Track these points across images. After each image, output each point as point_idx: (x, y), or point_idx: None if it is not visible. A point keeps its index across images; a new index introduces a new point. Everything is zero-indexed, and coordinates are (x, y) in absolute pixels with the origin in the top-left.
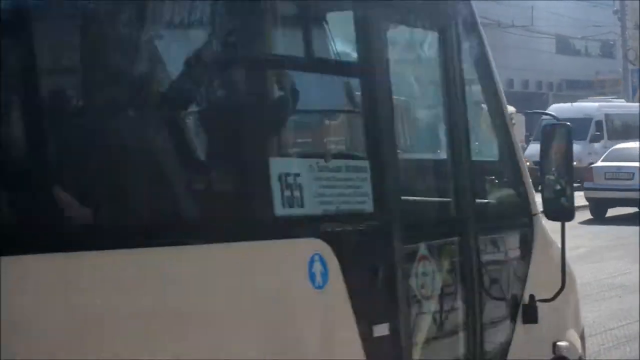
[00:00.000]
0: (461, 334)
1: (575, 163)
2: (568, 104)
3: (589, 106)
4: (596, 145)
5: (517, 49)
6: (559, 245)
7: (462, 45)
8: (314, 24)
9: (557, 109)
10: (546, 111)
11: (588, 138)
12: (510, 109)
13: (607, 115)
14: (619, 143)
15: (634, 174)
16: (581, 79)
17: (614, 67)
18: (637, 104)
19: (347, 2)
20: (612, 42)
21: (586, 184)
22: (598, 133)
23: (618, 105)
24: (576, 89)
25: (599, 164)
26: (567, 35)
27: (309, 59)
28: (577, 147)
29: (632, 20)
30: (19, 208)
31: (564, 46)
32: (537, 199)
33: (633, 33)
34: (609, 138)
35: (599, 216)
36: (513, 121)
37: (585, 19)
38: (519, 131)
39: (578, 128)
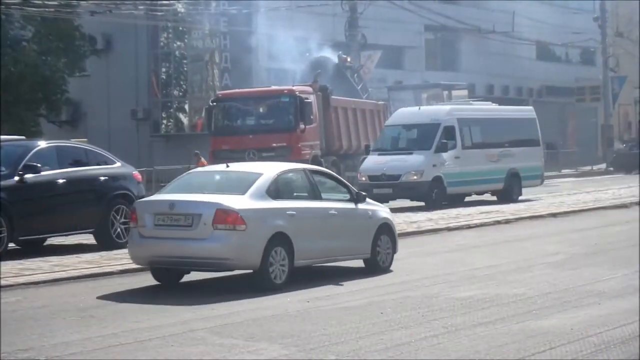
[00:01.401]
0: None
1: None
2: (415, 108)
3: (438, 110)
4: (445, 155)
5: (497, 54)
6: None
7: None
8: None
9: (402, 113)
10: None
11: (433, 147)
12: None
13: (461, 121)
14: (472, 151)
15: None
16: (561, 86)
17: (594, 74)
18: (505, 106)
19: None
20: (592, 49)
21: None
22: (445, 141)
23: (477, 109)
24: (556, 95)
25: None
26: (547, 41)
27: None
28: (417, 159)
29: (613, 28)
30: None
31: (545, 52)
32: None
33: (613, 40)
34: (465, 146)
35: None
36: None
37: (566, 25)
38: None
39: (425, 135)
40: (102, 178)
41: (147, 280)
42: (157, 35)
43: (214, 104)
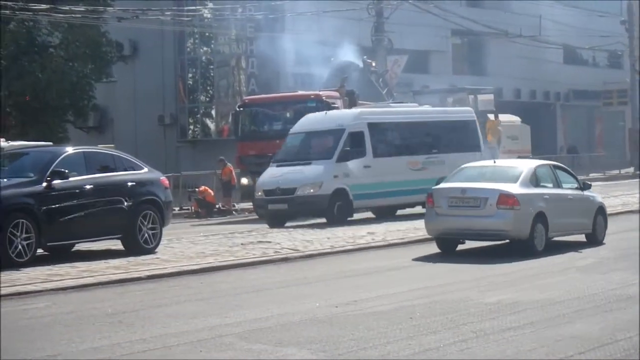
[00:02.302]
0: None
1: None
2: (322, 113)
3: (344, 114)
4: (350, 164)
5: (524, 58)
6: None
7: None
8: None
9: (308, 119)
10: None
11: (335, 156)
12: (515, 118)
13: (372, 125)
14: (388, 160)
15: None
16: (589, 89)
17: (622, 77)
18: (440, 108)
19: None
20: (619, 53)
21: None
22: (349, 149)
23: (396, 112)
24: (584, 98)
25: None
26: (574, 45)
27: None
28: (315, 170)
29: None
30: None
31: (572, 56)
32: None
33: None
34: (377, 154)
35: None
36: (515, 134)
37: (593, 29)
38: (524, 141)
39: (328, 143)
40: (130, 184)
41: (175, 285)
42: (184, 41)
43: (241, 109)
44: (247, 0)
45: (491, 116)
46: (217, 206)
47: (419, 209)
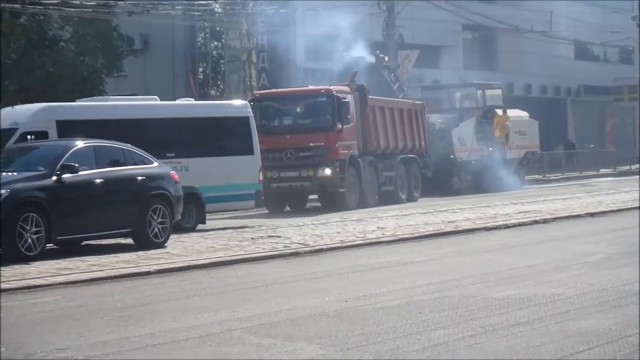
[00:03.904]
0: None
1: None
2: (9, 108)
3: (24, 111)
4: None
5: (535, 54)
6: None
7: None
8: None
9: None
10: None
11: None
12: (524, 113)
13: (65, 124)
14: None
15: None
16: (599, 85)
17: (633, 73)
18: (197, 102)
19: None
20: (630, 48)
21: None
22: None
23: (114, 106)
24: (594, 94)
25: None
26: (585, 40)
27: None
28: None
29: None
30: None
31: (583, 52)
32: None
33: None
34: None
35: None
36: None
37: (604, 24)
38: (533, 136)
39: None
40: (140, 178)
41: (184, 279)
42: (195, 35)
43: (251, 104)
44: None
45: (499, 111)
46: None
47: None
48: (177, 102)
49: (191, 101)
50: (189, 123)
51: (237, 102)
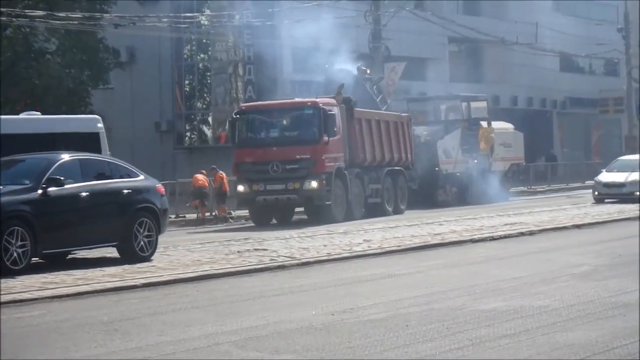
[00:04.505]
0: None
1: None
2: None
3: None
4: None
5: (521, 66)
6: None
7: None
8: None
9: None
10: None
11: None
12: (508, 125)
13: None
14: None
15: None
16: (585, 97)
17: (618, 85)
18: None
19: None
20: (616, 60)
21: None
22: None
23: None
24: (580, 106)
25: None
26: (571, 53)
27: None
28: None
29: (636, 39)
30: None
31: (568, 64)
32: None
33: (637, 51)
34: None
35: None
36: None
37: (590, 36)
38: (518, 148)
39: None
40: (126, 191)
41: (170, 293)
42: (181, 48)
43: (238, 116)
44: (245, 2)
45: (484, 123)
46: (213, 213)
47: None
48: (20, 116)
49: (36, 115)
50: (31, 139)
51: (87, 116)
